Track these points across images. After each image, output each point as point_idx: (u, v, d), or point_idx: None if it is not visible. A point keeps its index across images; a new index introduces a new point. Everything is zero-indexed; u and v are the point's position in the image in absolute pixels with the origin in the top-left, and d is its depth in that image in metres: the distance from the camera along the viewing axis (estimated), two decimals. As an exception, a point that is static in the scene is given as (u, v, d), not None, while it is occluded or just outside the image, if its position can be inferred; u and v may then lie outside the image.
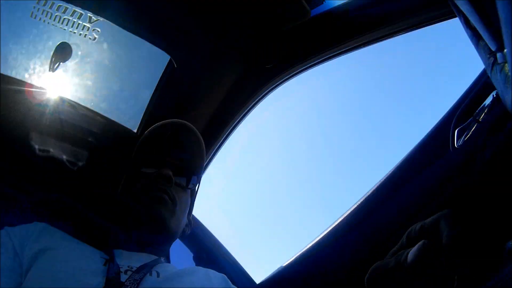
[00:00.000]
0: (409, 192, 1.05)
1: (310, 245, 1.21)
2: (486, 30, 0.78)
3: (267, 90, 1.32)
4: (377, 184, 1.13)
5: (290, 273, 1.23)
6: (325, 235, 1.18)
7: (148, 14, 1.29)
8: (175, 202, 1.04)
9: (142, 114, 1.42)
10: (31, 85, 1.40)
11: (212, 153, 1.44)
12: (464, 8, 0.82)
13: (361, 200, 1.14)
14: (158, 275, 0.89)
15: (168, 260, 1.30)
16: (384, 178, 1.13)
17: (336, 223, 1.17)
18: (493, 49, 0.81)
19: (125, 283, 0.80)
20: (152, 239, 1.01)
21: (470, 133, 0.93)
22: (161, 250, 1.05)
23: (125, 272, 0.86)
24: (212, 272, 1.01)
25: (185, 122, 1.16)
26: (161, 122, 1.17)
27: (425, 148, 1.10)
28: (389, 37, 1.17)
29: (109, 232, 1.02)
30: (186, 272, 0.96)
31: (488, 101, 0.91)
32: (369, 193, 1.13)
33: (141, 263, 0.91)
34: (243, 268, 1.44)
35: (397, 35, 1.16)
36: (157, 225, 1.00)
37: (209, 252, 1.44)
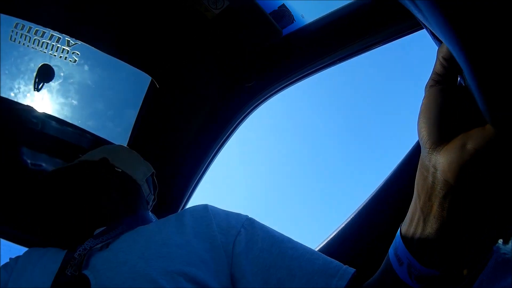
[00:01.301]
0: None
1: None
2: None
3: (252, 107, 1.33)
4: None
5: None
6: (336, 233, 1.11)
7: (125, 36, 1.28)
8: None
9: (130, 132, 1.44)
10: (18, 103, 1.43)
11: (203, 168, 1.46)
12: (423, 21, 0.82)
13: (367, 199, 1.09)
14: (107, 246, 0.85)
15: None
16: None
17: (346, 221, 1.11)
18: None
19: (74, 255, 0.79)
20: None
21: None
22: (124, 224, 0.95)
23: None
24: (189, 212, 0.89)
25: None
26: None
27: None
28: (366, 50, 1.14)
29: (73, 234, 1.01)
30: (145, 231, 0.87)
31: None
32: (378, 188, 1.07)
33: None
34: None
35: (375, 47, 1.14)
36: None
37: None
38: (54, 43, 1.32)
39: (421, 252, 0.51)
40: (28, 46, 1.34)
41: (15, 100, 1.42)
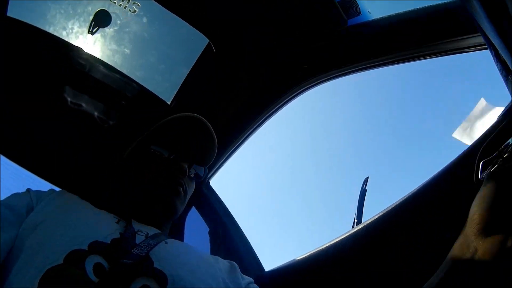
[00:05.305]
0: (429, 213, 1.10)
1: (328, 244, 1.26)
2: (515, 66, 0.84)
3: (302, 89, 1.37)
4: (401, 200, 1.15)
5: (302, 268, 1.29)
6: (343, 238, 1.23)
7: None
8: (186, 193, 1.12)
9: (177, 89, 1.47)
10: (69, 43, 1.45)
11: (240, 141, 1.52)
12: (495, 41, 0.87)
13: (379, 215, 1.18)
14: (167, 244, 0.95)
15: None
16: (409, 194, 1.15)
17: (355, 229, 1.22)
18: (521, 85, 0.88)
19: (139, 244, 0.86)
20: (158, 220, 1.08)
21: (494, 168, 0.97)
22: (165, 227, 1.11)
23: (137, 232, 0.93)
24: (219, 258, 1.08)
25: (202, 118, 1.18)
26: (178, 114, 1.18)
27: (449, 174, 1.10)
28: (421, 58, 1.17)
29: (123, 202, 1.11)
30: (194, 248, 1.05)
31: (514, 138, 0.94)
32: (389, 209, 1.16)
33: (150, 232, 0.97)
34: (255, 253, 1.51)
35: (428, 58, 1.17)
36: (170, 214, 1.08)
37: (225, 229, 1.53)
38: (116, -10, 1.34)
39: None
40: (89, -11, 1.35)
41: (67, 39, 1.43)
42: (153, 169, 1.09)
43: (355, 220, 1.35)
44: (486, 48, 1.01)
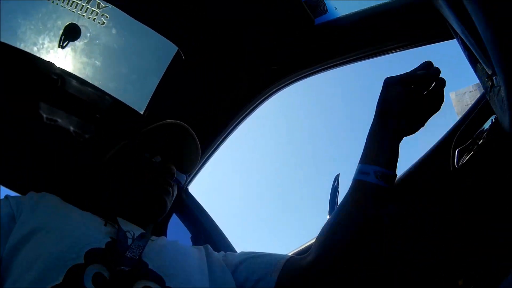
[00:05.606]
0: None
1: (307, 244, 1.28)
2: (481, 54, 0.82)
3: (272, 91, 1.38)
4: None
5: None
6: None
7: (156, 4, 1.30)
8: (173, 195, 1.15)
9: (149, 98, 1.47)
10: (40, 58, 1.44)
11: (215, 145, 1.52)
12: (460, 30, 0.85)
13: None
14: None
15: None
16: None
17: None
18: (489, 72, 0.86)
19: (131, 246, 0.87)
20: (151, 218, 1.10)
21: (470, 155, 0.98)
22: (149, 227, 1.09)
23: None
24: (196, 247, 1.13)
25: (188, 127, 1.22)
26: (167, 121, 1.22)
27: (425, 165, 1.14)
28: (391, 52, 1.19)
29: (109, 202, 1.11)
30: (178, 243, 1.10)
31: (487, 125, 0.95)
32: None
33: (136, 231, 0.98)
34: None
35: (399, 51, 1.19)
36: (159, 213, 1.10)
37: (207, 235, 1.53)
38: (84, 4, 1.33)
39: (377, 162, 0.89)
40: (57, 4, 1.35)
41: (37, 55, 1.43)
42: (144, 172, 1.11)
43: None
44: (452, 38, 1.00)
